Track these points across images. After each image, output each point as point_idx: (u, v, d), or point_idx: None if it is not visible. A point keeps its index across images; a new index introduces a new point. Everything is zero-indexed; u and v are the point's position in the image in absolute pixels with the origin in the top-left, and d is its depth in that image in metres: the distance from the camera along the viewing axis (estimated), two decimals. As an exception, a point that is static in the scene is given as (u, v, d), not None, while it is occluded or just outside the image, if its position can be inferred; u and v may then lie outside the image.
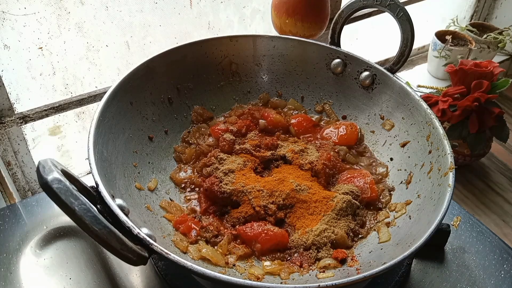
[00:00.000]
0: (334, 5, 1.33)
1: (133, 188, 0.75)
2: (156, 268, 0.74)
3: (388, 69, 0.90)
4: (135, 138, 0.81)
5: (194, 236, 0.72)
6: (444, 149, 0.75)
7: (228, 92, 0.97)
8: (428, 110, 0.82)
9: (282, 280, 0.68)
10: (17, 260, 0.74)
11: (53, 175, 0.54)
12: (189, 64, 0.92)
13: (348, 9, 0.93)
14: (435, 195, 0.72)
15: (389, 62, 0.93)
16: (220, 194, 0.77)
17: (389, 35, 1.22)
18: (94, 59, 1.11)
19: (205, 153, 0.86)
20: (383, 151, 0.89)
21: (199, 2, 1.18)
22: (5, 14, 0.93)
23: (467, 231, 0.84)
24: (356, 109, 0.95)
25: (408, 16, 0.87)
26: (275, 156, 0.85)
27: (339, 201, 0.76)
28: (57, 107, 1.05)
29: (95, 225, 0.54)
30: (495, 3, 1.91)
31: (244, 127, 0.91)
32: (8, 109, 0.99)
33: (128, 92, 0.81)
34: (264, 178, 0.82)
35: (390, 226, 0.75)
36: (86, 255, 0.76)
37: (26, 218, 0.81)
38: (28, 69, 1.03)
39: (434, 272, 0.78)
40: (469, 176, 1.46)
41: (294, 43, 0.96)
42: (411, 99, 0.86)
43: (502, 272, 0.77)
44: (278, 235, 0.73)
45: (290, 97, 0.99)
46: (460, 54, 1.64)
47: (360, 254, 0.72)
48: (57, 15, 1.00)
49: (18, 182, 1.08)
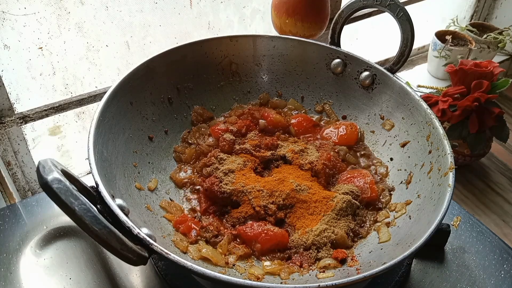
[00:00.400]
0: (334, 5, 1.33)
1: (133, 188, 0.75)
2: (156, 268, 0.74)
3: (388, 69, 0.90)
4: (135, 138, 0.81)
5: (194, 236, 0.72)
6: (444, 149, 0.75)
7: (228, 92, 0.97)
8: (428, 110, 0.82)
9: (282, 280, 0.68)
10: (17, 260, 0.74)
11: (53, 175, 0.54)
12: (189, 64, 0.92)
13: (348, 9, 0.93)
14: (435, 195, 0.72)
15: (389, 62, 0.93)
16: (220, 194, 0.77)
17: (389, 35, 1.22)
18: (94, 59, 1.11)
19: (205, 153, 0.86)
20: (383, 151, 0.89)
21: (199, 2, 1.18)
22: (5, 14, 0.93)
23: (467, 231, 0.84)
24: (356, 109, 0.95)
25: (408, 16, 0.87)
26: (275, 156, 0.85)
27: (339, 201, 0.76)
28: (57, 107, 1.05)
29: (95, 225, 0.54)
30: (495, 3, 1.91)
31: (244, 127, 0.91)
32: (8, 109, 0.99)
33: (128, 92, 0.81)
34: (264, 178, 0.82)
35: (390, 226, 0.75)
36: (86, 255, 0.76)
37: (26, 218, 0.81)
38: (28, 69, 1.03)
39: (434, 272, 0.78)
40: (469, 176, 1.46)
41: (294, 43, 0.96)
42: (411, 99, 0.86)
43: (502, 272, 0.77)
44: (278, 235, 0.73)
45: (290, 97, 0.99)
46: (460, 54, 1.64)
47: (360, 254, 0.72)
48: (57, 15, 1.00)
49: (18, 182, 1.08)
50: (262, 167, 0.85)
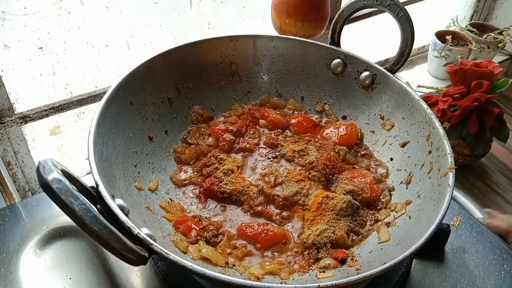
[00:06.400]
0: (334, 5, 1.33)
1: (133, 188, 0.75)
2: (156, 268, 0.74)
3: (388, 69, 0.90)
4: (135, 138, 0.81)
5: (194, 236, 0.72)
6: (444, 149, 0.75)
7: (228, 92, 0.97)
8: (428, 110, 0.82)
9: (282, 280, 0.68)
10: (17, 260, 0.74)
11: (53, 175, 0.54)
12: (189, 64, 0.92)
13: (348, 9, 0.93)
14: (435, 195, 0.72)
15: (389, 62, 0.93)
16: (220, 194, 0.77)
17: (389, 35, 1.22)
18: (94, 59, 1.11)
19: (205, 153, 0.86)
20: (383, 151, 0.89)
21: (199, 2, 1.18)
22: (5, 14, 0.93)
23: (467, 231, 0.84)
24: (356, 109, 0.95)
25: (408, 16, 0.87)
26: (275, 156, 0.85)
27: (339, 201, 0.76)
28: (57, 107, 1.05)
29: (95, 225, 0.54)
30: (495, 3, 1.91)
31: (244, 127, 0.91)
32: (8, 109, 0.99)
33: (128, 92, 0.81)
34: (265, 178, 0.82)
35: (390, 226, 0.75)
36: (86, 255, 0.76)
37: (26, 218, 0.81)
38: (28, 69, 1.03)
39: (434, 272, 0.78)
40: (469, 176, 1.46)
41: (294, 43, 0.96)
42: (411, 99, 0.86)
43: (502, 272, 0.77)
44: (278, 235, 0.73)
45: (290, 97, 0.99)
46: (460, 54, 1.64)
47: (360, 254, 0.72)
48: (57, 15, 1.00)
49: (18, 182, 1.08)
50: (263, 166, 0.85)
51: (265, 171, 0.84)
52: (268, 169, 0.84)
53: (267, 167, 0.85)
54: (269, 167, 0.85)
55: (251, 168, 0.85)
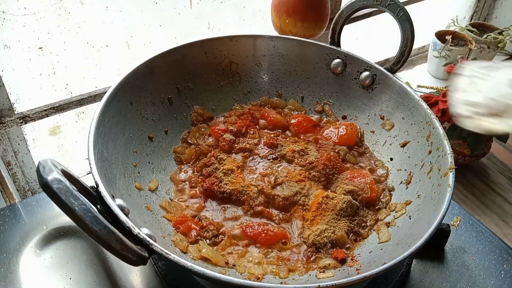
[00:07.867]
0: (334, 5, 1.33)
1: (133, 188, 0.75)
2: (156, 268, 0.74)
3: (388, 69, 0.90)
4: (135, 138, 0.81)
5: (194, 236, 0.72)
6: (444, 149, 0.75)
7: (228, 92, 0.97)
8: (428, 110, 0.82)
9: (282, 280, 0.68)
10: (17, 260, 0.74)
11: (53, 175, 0.54)
12: (189, 64, 0.92)
13: (348, 9, 0.93)
14: (435, 195, 0.72)
15: (389, 62, 0.93)
16: (220, 194, 0.78)
17: (389, 35, 1.22)
18: (94, 59, 1.11)
19: (205, 153, 0.86)
20: (383, 151, 0.89)
21: (199, 2, 1.18)
22: (5, 14, 0.93)
23: (467, 231, 0.84)
24: (356, 109, 0.95)
25: (408, 16, 0.87)
26: (276, 156, 0.85)
27: (339, 201, 0.76)
28: (57, 107, 1.05)
29: (95, 225, 0.54)
30: (495, 3, 1.91)
31: (244, 127, 0.91)
32: (8, 109, 0.99)
33: (128, 92, 0.81)
34: (265, 178, 0.82)
35: (390, 226, 0.75)
36: (86, 255, 0.76)
37: (26, 218, 0.81)
38: (28, 69, 1.03)
39: (434, 272, 0.78)
40: (469, 176, 1.46)
41: (294, 43, 0.96)
42: (411, 99, 0.86)
43: (502, 272, 0.77)
44: (278, 235, 0.73)
45: (290, 97, 0.99)
46: (460, 54, 1.64)
47: (360, 254, 0.72)
48: (57, 15, 1.00)
49: (18, 182, 1.08)
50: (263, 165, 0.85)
51: (265, 171, 0.84)
52: (268, 169, 0.84)
53: (267, 167, 0.85)
54: (269, 167, 0.85)
55: (251, 168, 0.85)
